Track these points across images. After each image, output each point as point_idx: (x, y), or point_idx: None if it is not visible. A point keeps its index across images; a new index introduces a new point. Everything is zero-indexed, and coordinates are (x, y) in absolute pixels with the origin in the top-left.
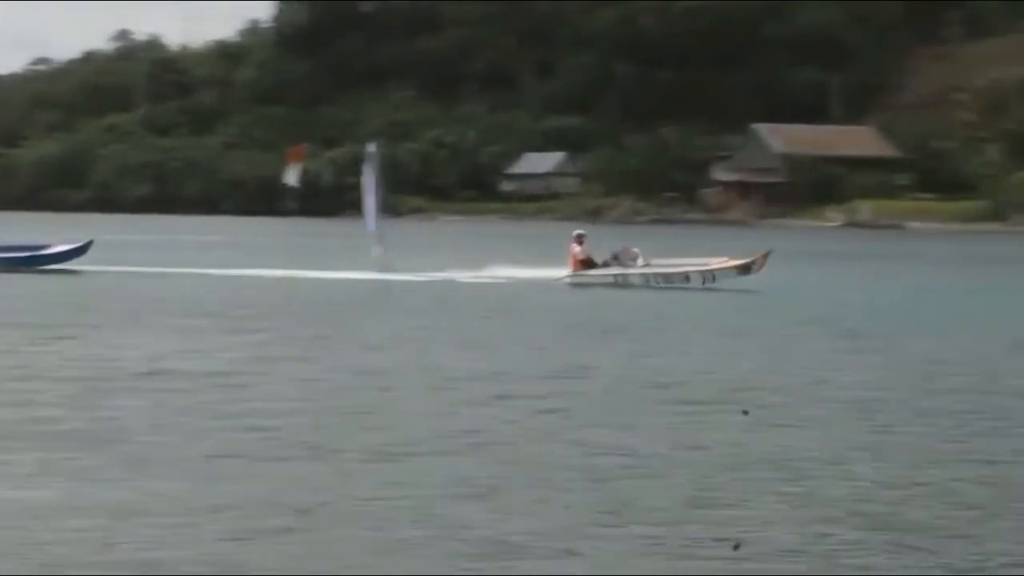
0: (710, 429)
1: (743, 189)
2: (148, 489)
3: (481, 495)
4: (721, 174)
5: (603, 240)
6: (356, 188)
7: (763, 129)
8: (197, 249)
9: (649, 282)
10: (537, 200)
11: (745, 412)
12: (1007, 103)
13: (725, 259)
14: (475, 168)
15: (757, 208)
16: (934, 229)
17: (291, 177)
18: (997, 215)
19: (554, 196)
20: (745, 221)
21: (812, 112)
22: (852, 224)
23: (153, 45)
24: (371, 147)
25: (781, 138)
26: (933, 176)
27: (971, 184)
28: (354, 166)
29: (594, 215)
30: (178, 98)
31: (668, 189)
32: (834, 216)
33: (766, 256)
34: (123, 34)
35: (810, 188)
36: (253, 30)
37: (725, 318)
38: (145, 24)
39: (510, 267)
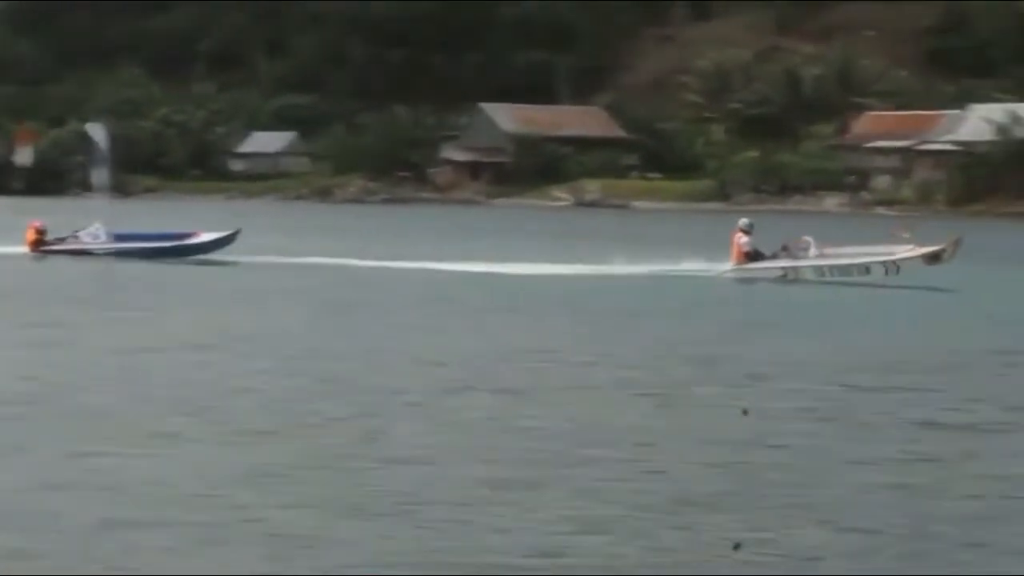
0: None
1: (472, 168)
2: None
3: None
4: (451, 153)
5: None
6: (82, 167)
7: (491, 108)
8: None
9: (824, 275)
10: (266, 179)
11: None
12: (730, 84)
13: (911, 247)
14: (204, 147)
15: (486, 187)
16: (660, 208)
17: (22, 157)
18: (722, 194)
19: (284, 175)
20: (475, 200)
21: (540, 93)
22: (580, 204)
23: None
24: (93, 126)
25: (509, 117)
26: (660, 156)
27: (696, 164)
28: (80, 144)
29: (324, 194)
30: None
31: (399, 168)
32: (562, 195)
33: (957, 243)
34: None
35: (537, 167)
36: None
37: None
38: None
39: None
